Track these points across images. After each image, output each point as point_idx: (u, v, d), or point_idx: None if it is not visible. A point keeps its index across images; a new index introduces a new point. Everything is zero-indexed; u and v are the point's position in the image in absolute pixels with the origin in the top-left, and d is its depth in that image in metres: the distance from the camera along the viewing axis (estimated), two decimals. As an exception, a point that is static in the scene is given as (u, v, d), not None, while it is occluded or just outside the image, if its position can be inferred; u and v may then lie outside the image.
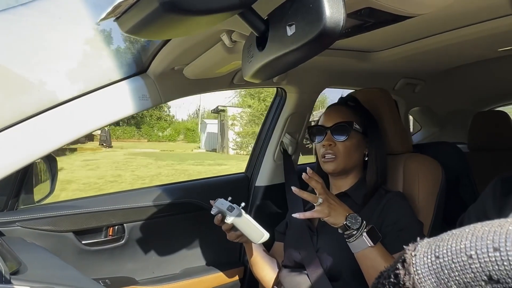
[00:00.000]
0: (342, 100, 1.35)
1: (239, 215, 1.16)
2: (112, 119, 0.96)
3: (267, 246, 1.41)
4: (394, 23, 0.85)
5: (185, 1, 0.46)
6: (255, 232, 1.18)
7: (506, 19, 0.93)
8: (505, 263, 0.24)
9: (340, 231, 1.05)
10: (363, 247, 1.03)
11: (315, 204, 1.05)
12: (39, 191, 1.48)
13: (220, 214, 1.21)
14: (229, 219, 1.16)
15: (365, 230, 1.02)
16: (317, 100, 1.74)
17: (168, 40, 0.90)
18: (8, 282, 0.77)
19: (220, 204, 1.20)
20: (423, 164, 1.32)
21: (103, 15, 0.55)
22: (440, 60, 1.51)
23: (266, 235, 1.18)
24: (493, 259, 0.25)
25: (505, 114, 2.10)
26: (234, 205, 1.18)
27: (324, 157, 1.22)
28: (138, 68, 1.01)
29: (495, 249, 0.25)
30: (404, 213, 1.15)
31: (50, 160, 1.47)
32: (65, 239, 1.39)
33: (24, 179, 1.42)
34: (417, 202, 1.27)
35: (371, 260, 1.02)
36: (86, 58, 0.91)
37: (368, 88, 1.49)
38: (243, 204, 1.19)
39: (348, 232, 1.03)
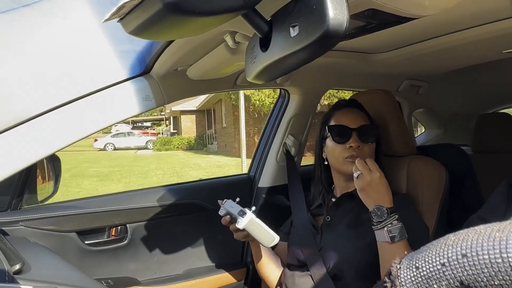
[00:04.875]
0: (352, 103, 1.31)
1: (251, 220, 1.16)
2: (116, 119, 0.96)
3: (272, 246, 1.41)
4: (397, 24, 0.84)
5: (189, 2, 0.46)
6: (266, 235, 1.19)
7: (510, 21, 0.92)
8: (472, 268, 0.26)
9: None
10: (382, 240, 1.04)
11: (354, 174, 1.09)
12: (43, 191, 1.49)
13: (228, 216, 1.21)
14: (241, 224, 1.16)
15: (389, 225, 1.03)
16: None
17: (171, 41, 0.90)
18: (12, 281, 0.77)
19: (229, 206, 1.20)
20: (426, 166, 1.32)
21: (107, 16, 0.55)
22: (444, 62, 1.50)
23: (276, 239, 1.19)
24: (462, 265, 0.27)
25: (509, 116, 2.08)
26: (246, 209, 1.18)
27: (350, 158, 1.19)
28: (141, 69, 1.02)
29: (463, 256, 0.27)
30: (409, 217, 1.15)
31: (53, 160, 1.47)
32: (68, 239, 1.40)
33: (28, 179, 1.42)
34: (420, 204, 1.26)
35: (387, 254, 1.04)
36: (90, 59, 0.91)
37: (372, 89, 1.49)
38: (253, 208, 1.20)
39: (373, 220, 1.06)
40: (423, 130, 2.68)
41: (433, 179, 1.29)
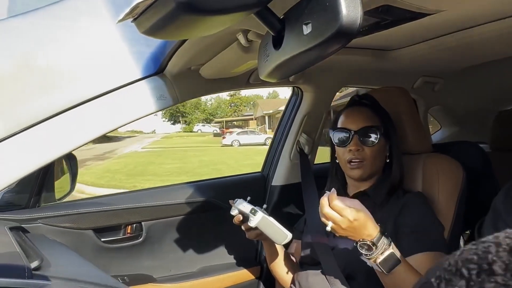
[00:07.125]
0: (362, 100, 1.29)
1: (263, 218, 1.16)
2: (131, 118, 0.97)
3: (285, 244, 1.41)
4: (412, 20, 0.83)
5: (201, 1, 0.46)
6: (279, 233, 1.18)
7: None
8: None
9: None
10: (376, 269, 0.99)
11: (327, 228, 1.00)
12: (60, 189, 1.52)
13: (240, 215, 1.21)
14: (253, 223, 1.16)
15: (378, 257, 0.95)
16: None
17: (184, 40, 0.91)
18: (31, 277, 0.79)
19: (241, 205, 1.20)
20: (443, 164, 1.29)
21: (121, 16, 0.56)
22: (461, 58, 1.47)
23: (289, 236, 1.18)
24: None
25: None
26: (257, 208, 1.18)
27: (351, 163, 1.18)
28: (155, 68, 1.03)
29: None
30: (423, 214, 1.12)
31: (70, 159, 1.50)
32: (85, 237, 1.42)
33: (46, 177, 1.45)
34: (436, 203, 1.24)
35: (384, 279, 1.00)
36: (105, 59, 0.92)
37: (387, 87, 1.47)
38: (265, 206, 1.20)
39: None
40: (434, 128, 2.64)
41: (449, 178, 1.27)
